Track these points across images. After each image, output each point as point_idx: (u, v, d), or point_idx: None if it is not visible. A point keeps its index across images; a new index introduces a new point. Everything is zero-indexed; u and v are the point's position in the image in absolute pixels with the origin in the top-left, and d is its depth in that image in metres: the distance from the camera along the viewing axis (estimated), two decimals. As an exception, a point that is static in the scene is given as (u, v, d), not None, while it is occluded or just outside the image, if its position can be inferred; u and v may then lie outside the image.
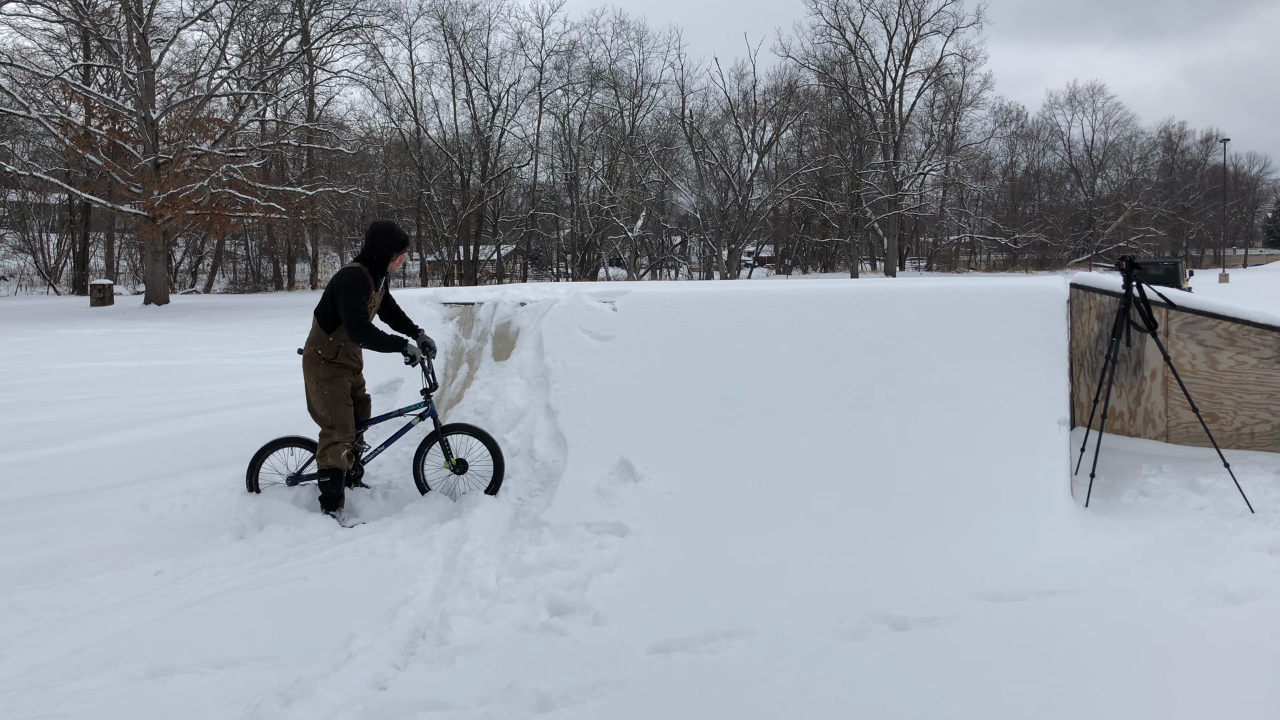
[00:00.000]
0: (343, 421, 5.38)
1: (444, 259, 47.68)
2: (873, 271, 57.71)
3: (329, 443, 5.34)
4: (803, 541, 4.57)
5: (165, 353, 16.01)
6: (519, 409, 6.07)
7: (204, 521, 5.20)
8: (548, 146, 49.87)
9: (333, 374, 5.40)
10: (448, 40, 45.45)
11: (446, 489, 5.60)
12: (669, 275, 53.79)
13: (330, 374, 5.39)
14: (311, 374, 5.39)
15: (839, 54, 50.11)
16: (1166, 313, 5.50)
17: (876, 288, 5.94)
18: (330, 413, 5.37)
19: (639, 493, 5.15)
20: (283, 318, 25.24)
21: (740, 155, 46.99)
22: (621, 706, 3.04)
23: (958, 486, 4.83)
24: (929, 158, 53.17)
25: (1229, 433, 5.39)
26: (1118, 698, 2.97)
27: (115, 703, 3.16)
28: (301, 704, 3.04)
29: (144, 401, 9.67)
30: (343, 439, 5.36)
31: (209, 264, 48.75)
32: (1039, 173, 65.58)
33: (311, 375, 5.39)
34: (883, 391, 5.41)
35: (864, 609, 3.72)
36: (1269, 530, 4.35)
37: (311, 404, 5.43)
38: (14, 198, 42.43)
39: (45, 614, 3.95)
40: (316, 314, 5.41)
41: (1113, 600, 3.75)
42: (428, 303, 7.24)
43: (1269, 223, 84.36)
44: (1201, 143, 69.20)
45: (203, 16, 32.13)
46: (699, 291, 6.43)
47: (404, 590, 4.10)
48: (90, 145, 30.44)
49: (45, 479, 6.07)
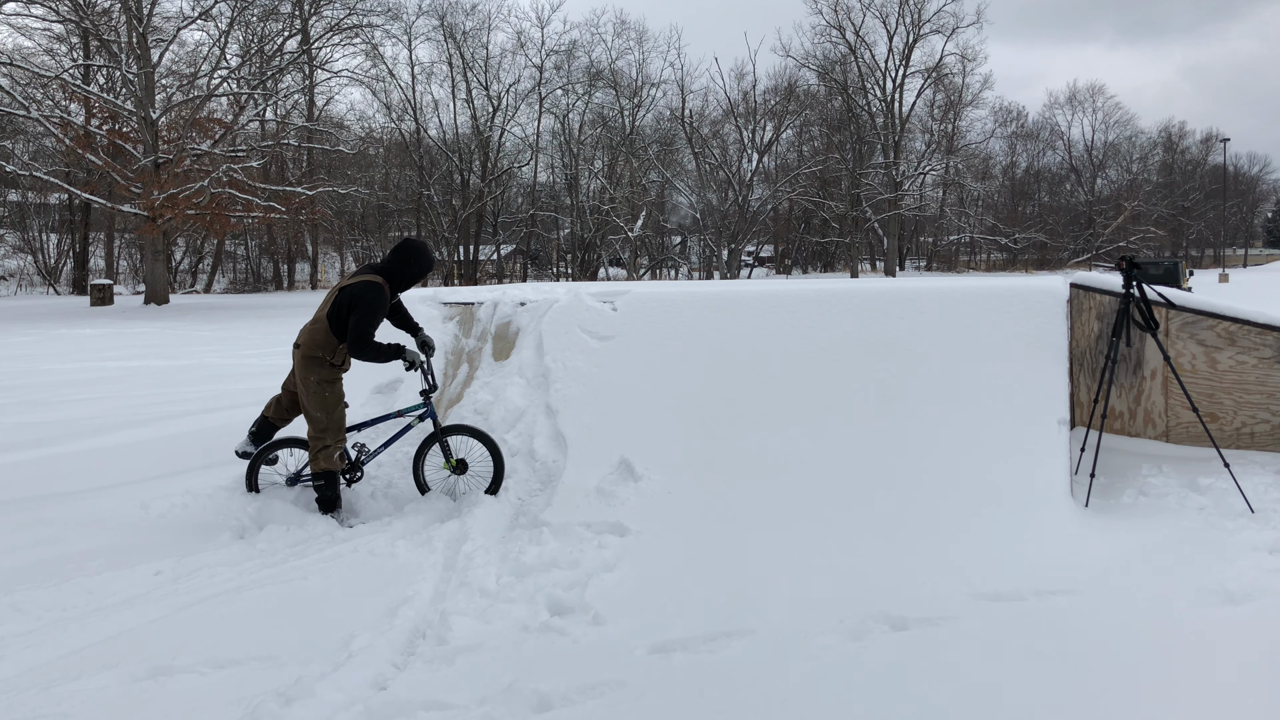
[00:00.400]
0: (338, 424, 5.35)
1: (444, 259, 47.67)
2: (873, 271, 57.72)
3: (321, 446, 5.29)
4: (802, 541, 4.57)
5: (165, 353, 16.01)
6: (519, 409, 6.07)
7: (204, 521, 5.20)
8: (548, 146, 49.90)
9: (334, 377, 5.39)
10: (447, 40, 45.48)
11: (446, 489, 5.60)
12: (669, 275, 53.79)
13: (332, 377, 5.37)
14: (313, 375, 5.31)
15: (839, 54, 50.17)
16: (1166, 312, 5.50)
17: (876, 288, 5.94)
18: (329, 416, 5.32)
19: (639, 493, 5.15)
20: (283, 318, 25.22)
21: (740, 155, 47.04)
22: (621, 706, 3.04)
23: (957, 486, 4.83)
24: (929, 158, 53.17)
25: (1229, 433, 5.39)
26: (1118, 698, 2.97)
27: (115, 703, 3.16)
28: (301, 704, 3.04)
29: (144, 401, 9.67)
30: (335, 442, 5.32)
31: (209, 264, 48.74)
32: (1039, 173, 65.57)
33: (313, 376, 5.31)
34: (883, 391, 5.41)
35: (864, 609, 3.72)
36: (1269, 530, 4.35)
37: (307, 405, 5.35)
38: (14, 198, 42.43)
39: (45, 614, 3.95)
40: (329, 319, 5.25)
41: (1112, 600, 3.75)
42: (428, 303, 7.24)
43: (1269, 223, 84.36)
44: (1201, 143, 69.26)
45: (203, 16, 32.13)
46: (699, 291, 6.43)
47: (404, 590, 4.10)
48: (90, 145, 30.44)
49: (45, 479, 6.07)
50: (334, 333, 5.28)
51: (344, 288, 5.28)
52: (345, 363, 5.45)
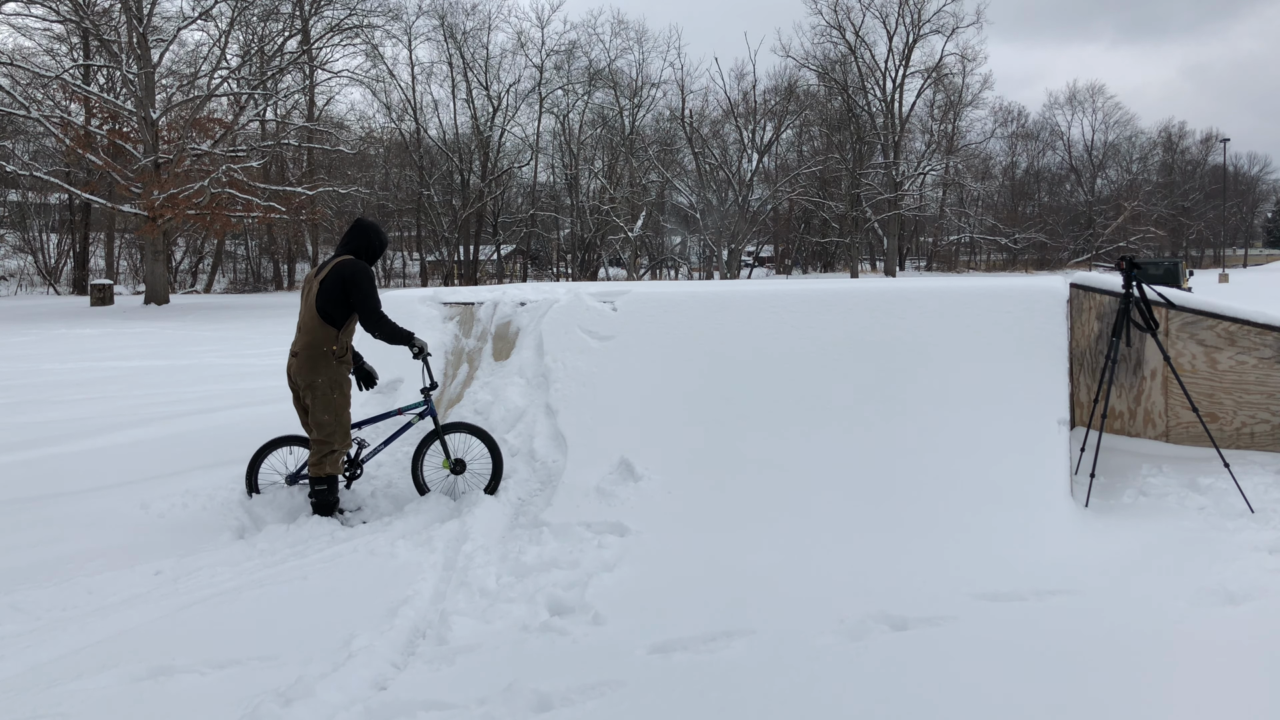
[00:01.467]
0: (345, 428, 5.24)
1: (444, 259, 47.69)
2: (873, 271, 57.71)
3: (327, 450, 5.18)
4: (802, 541, 4.57)
5: (165, 353, 16.02)
6: (519, 409, 6.07)
7: (204, 521, 5.20)
8: (548, 146, 49.93)
9: (342, 376, 5.22)
10: (448, 40, 45.50)
11: (446, 489, 5.59)
12: (669, 275, 53.79)
13: (341, 376, 5.20)
14: (322, 376, 5.12)
15: (839, 54, 50.18)
16: (1166, 313, 5.50)
17: (876, 288, 5.94)
18: (338, 420, 5.18)
19: (639, 492, 5.15)
20: (283, 318, 25.23)
21: (740, 155, 47.04)
22: (621, 706, 3.04)
23: (957, 486, 4.83)
24: (929, 158, 53.17)
25: (1229, 433, 5.39)
26: (1118, 698, 2.97)
27: (115, 703, 3.16)
28: (301, 704, 3.04)
29: (144, 401, 9.67)
30: (341, 447, 5.23)
31: (209, 264, 48.76)
32: (1039, 173, 65.58)
33: (320, 377, 5.11)
34: (883, 392, 5.41)
35: (864, 609, 3.72)
36: (1269, 530, 4.35)
37: (315, 409, 5.14)
38: (14, 198, 42.44)
39: (45, 614, 3.95)
40: (319, 311, 5.10)
41: (1112, 600, 3.75)
42: (428, 303, 7.23)
43: (1269, 223, 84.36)
44: (1201, 142, 69.31)
45: (203, 16, 32.14)
46: (699, 291, 6.43)
47: (404, 590, 4.10)
48: (90, 145, 30.45)
49: (45, 479, 6.07)
50: (328, 322, 5.12)
51: (326, 275, 5.13)
52: (346, 355, 5.27)
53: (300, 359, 5.15)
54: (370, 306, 5.13)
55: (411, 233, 51.54)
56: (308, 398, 5.18)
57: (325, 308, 5.12)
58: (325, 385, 5.15)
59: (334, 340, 5.16)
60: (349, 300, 5.15)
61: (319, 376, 5.14)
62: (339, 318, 5.16)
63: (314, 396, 5.15)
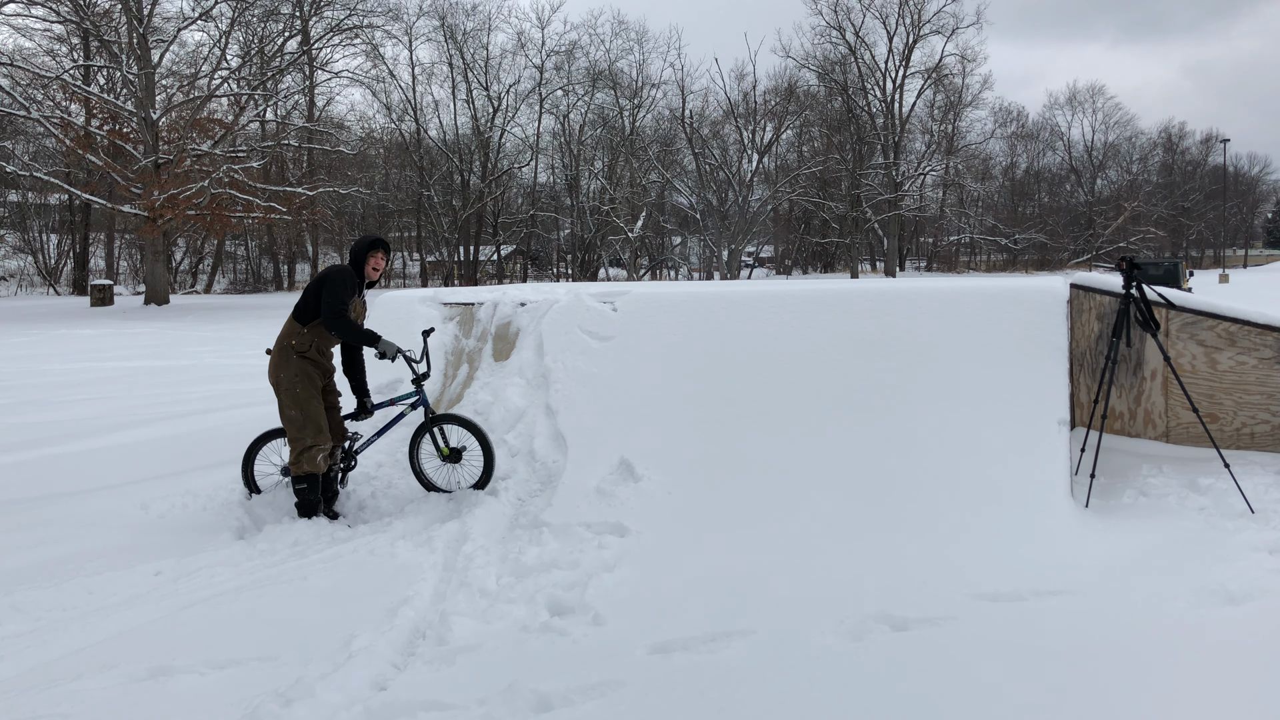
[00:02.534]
0: (316, 421, 5.19)
1: (444, 259, 47.68)
2: (873, 272, 57.72)
3: (303, 448, 5.15)
4: (803, 542, 4.57)
5: (165, 353, 16.02)
6: (519, 409, 6.07)
7: (204, 521, 5.20)
8: (548, 147, 49.92)
9: (304, 370, 5.23)
10: (448, 41, 45.51)
11: (443, 479, 5.59)
12: (669, 275, 53.80)
13: (301, 370, 5.22)
14: (283, 370, 5.20)
15: (839, 54, 50.21)
16: (1166, 313, 5.50)
17: (877, 288, 5.94)
18: (303, 412, 5.16)
19: (639, 493, 5.15)
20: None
21: (740, 155, 46.99)
22: (621, 706, 3.04)
23: (958, 487, 4.83)
24: (929, 158, 53.19)
25: (1229, 433, 5.39)
26: (1118, 698, 2.97)
27: (115, 703, 3.16)
28: (301, 704, 3.04)
29: (144, 401, 9.68)
30: (317, 442, 5.17)
31: (209, 264, 48.78)
32: (1039, 173, 65.58)
33: (283, 372, 5.20)
34: (882, 392, 5.41)
35: (864, 609, 3.72)
36: (1269, 530, 4.35)
37: (282, 404, 5.21)
38: (14, 198, 42.46)
39: (45, 614, 3.95)
40: (294, 308, 5.31)
41: (1112, 600, 3.75)
42: (428, 303, 7.23)
43: (1269, 223, 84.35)
44: (1201, 143, 69.29)
45: (203, 17, 32.15)
46: (699, 291, 6.43)
47: (404, 590, 4.10)
48: (90, 145, 30.46)
49: (45, 479, 6.08)
50: (297, 319, 5.29)
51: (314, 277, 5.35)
52: (311, 349, 5.28)
53: (271, 357, 5.32)
54: (331, 305, 5.16)
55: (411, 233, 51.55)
56: (277, 395, 5.28)
57: (300, 304, 5.33)
58: (287, 380, 5.22)
59: (298, 335, 5.28)
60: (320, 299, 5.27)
61: (282, 372, 5.24)
62: (308, 316, 5.29)
63: (280, 393, 5.25)
